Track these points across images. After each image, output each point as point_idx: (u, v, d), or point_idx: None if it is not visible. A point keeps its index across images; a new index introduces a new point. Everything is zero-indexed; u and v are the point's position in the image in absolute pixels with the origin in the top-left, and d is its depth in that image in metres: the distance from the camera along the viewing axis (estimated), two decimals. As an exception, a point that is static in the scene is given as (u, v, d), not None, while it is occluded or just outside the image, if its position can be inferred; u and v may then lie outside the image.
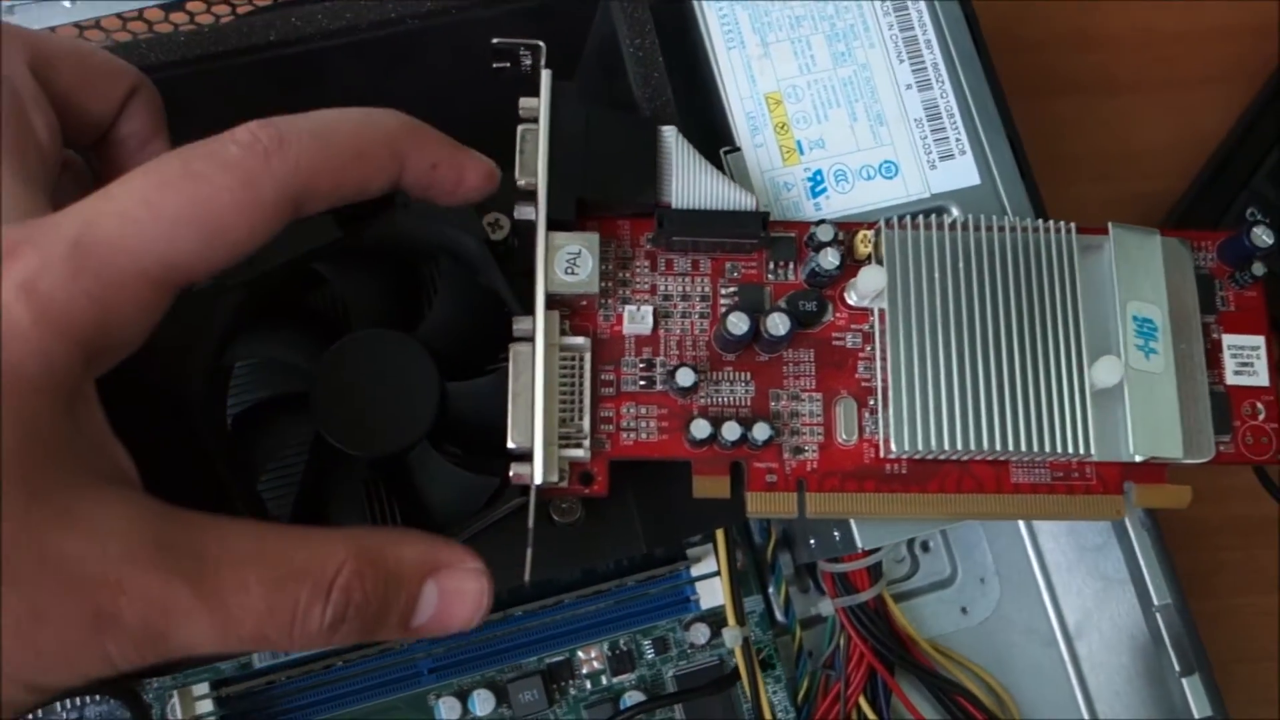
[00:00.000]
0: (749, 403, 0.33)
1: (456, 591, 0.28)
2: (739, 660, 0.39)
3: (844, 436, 0.33)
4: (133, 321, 0.25)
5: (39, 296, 0.23)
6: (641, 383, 0.33)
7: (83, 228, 0.24)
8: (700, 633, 0.41)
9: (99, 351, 0.25)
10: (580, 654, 0.41)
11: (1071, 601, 0.43)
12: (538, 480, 0.31)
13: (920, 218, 0.33)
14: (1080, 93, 0.51)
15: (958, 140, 0.36)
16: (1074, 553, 0.43)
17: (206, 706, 0.39)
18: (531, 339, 0.31)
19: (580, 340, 0.32)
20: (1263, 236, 0.34)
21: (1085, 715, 0.43)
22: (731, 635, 0.39)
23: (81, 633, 0.23)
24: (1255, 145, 0.49)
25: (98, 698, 0.40)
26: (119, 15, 0.37)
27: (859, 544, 0.35)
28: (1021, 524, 0.44)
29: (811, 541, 0.39)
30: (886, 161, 0.36)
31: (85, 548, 0.23)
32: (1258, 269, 0.35)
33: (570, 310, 0.33)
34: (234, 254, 0.26)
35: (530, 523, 0.31)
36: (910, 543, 0.45)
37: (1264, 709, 0.46)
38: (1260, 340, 0.35)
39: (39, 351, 0.23)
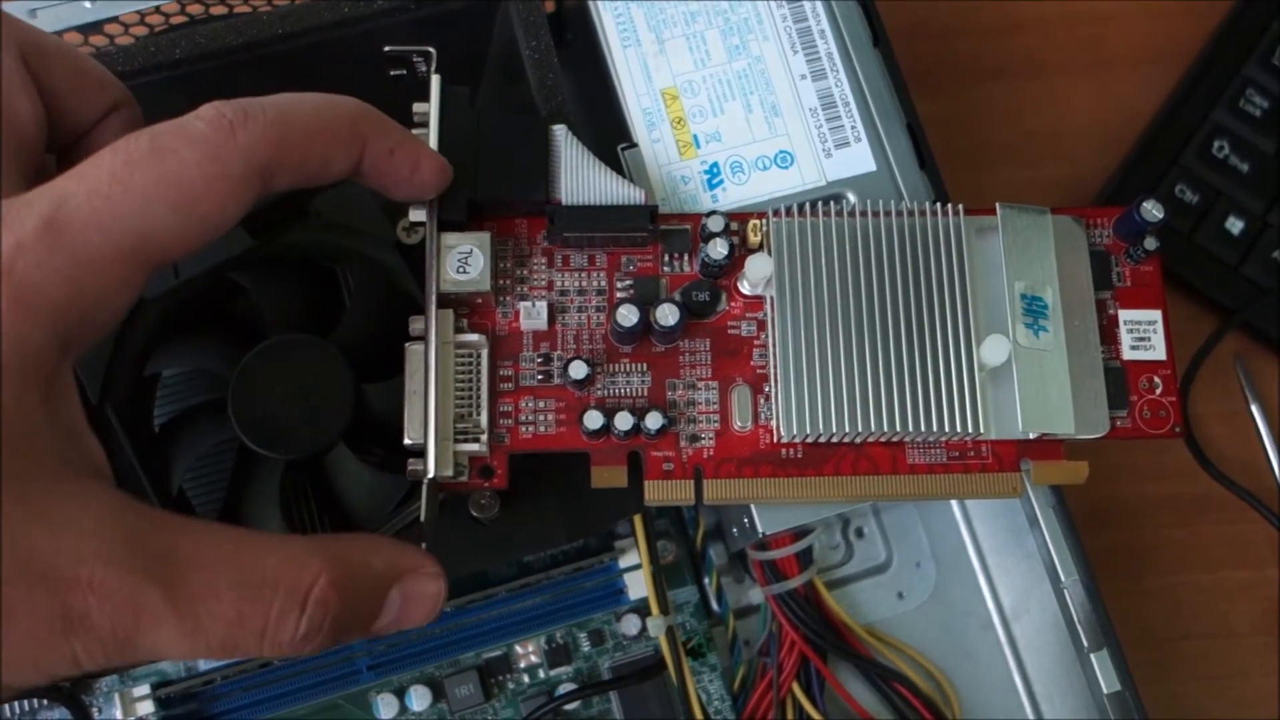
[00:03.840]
0: (646, 393, 0.34)
1: (418, 595, 0.28)
2: (664, 649, 0.40)
3: (740, 423, 0.34)
4: (108, 301, 0.25)
5: (13, 278, 0.23)
6: (539, 377, 0.34)
7: (55, 207, 0.24)
8: (631, 624, 0.42)
9: (75, 335, 0.24)
10: (517, 648, 0.42)
11: (1006, 583, 0.44)
12: (430, 474, 0.31)
13: (808, 205, 0.34)
14: (1008, 77, 0.51)
15: (853, 128, 0.37)
16: (1006, 534, 0.44)
17: (147, 708, 0.40)
18: (425, 338, 0.32)
19: (476, 337, 0.33)
20: (1153, 211, 0.34)
21: (1023, 695, 0.43)
22: (655, 624, 0.40)
23: (50, 632, 0.22)
24: (1183, 123, 0.49)
25: (45, 702, 0.41)
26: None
27: (759, 529, 0.35)
28: (955, 508, 0.44)
29: (734, 530, 0.40)
30: (782, 151, 0.36)
31: (57, 544, 0.22)
32: (1151, 244, 0.35)
33: (468, 309, 0.34)
34: (207, 229, 0.26)
35: (423, 516, 0.31)
36: (844, 529, 0.45)
37: (1204, 685, 0.45)
38: (1157, 314, 0.35)
39: (15, 336, 0.23)
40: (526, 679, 0.42)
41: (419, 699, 0.41)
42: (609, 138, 0.38)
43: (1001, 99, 0.51)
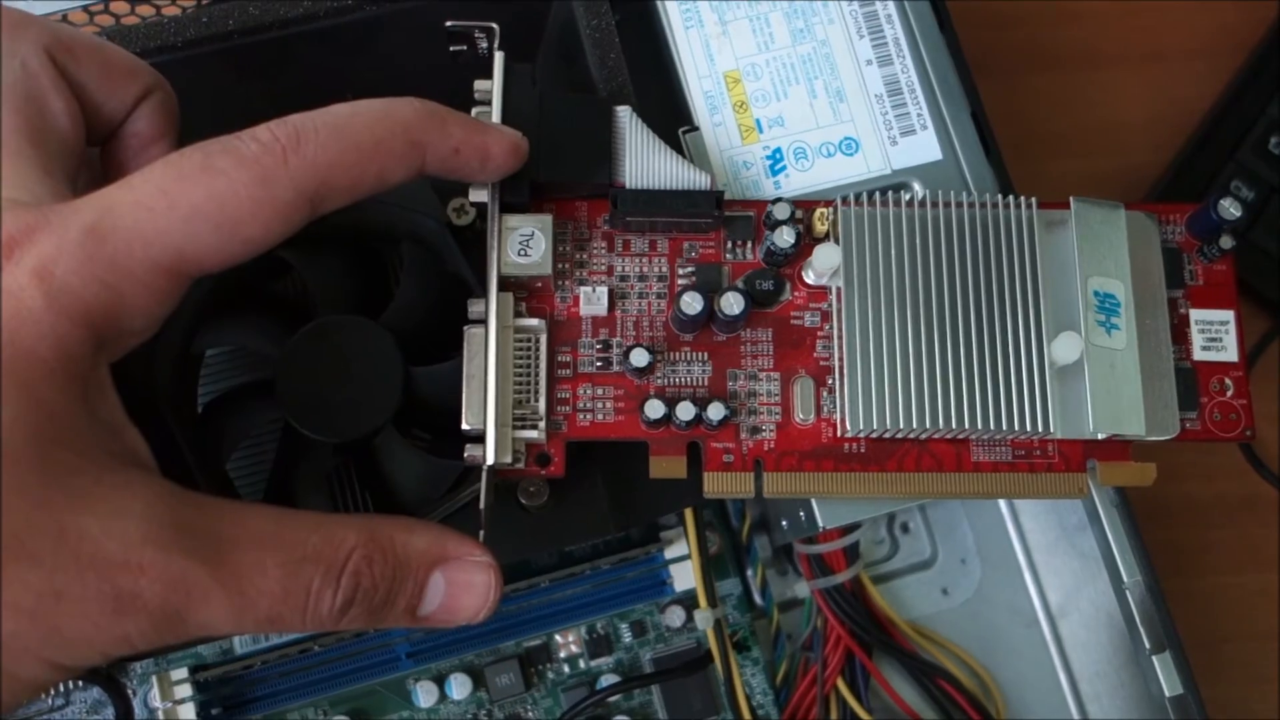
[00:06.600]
0: (706, 383, 0.33)
1: (464, 583, 0.29)
2: (711, 642, 0.39)
3: (802, 416, 0.33)
4: (145, 309, 0.25)
5: (53, 281, 0.24)
6: (598, 364, 0.33)
7: (100, 215, 0.25)
8: (676, 615, 0.41)
9: (111, 337, 0.25)
10: (558, 638, 0.41)
11: (1053, 581, 0.43)
12: (489, 461, 0.31)
13: (878, 194, 0.33)
14: (1062, 68, 0.50)
15: (919, 115, 0.36)
16: (1055, 532, 0.43)
17: (185, 691, 0.39)
18: (485, 321, 0.32)
19: (535, 322, 0.32)
20: (1230, 209, 0.33)
21: (1069, 695, 0.42)
22: (703, 617, 0.39)
23: (102, 612, 0.23)
24: (1240, 117, 0.48)
25: (81, 683, 0.40)
26: (85, 9, 0.38)
27: (820, 523, 0.35)
28: (1003, 504, 0.44)
29: (784, 523, 0.39)
30: (847, 138, 0.36)
31: (104, 528, 0.23)
32: (1226, 242, 0.34)
33: (526, 292, 0.33)
34: (248, 249, 0.26)
35: (482, 504, 0.31)
36: (890, 524, 0.44)
37: (1255, 687, 0.45)
38: (1229, 315, 0.34)
39: (51, 335, 0.24)
40: (567, 669, 0.41)
41: (459, 687, 0.40)
42: (662, 120, 0.37)
43: (1054, 90, 0.50)
